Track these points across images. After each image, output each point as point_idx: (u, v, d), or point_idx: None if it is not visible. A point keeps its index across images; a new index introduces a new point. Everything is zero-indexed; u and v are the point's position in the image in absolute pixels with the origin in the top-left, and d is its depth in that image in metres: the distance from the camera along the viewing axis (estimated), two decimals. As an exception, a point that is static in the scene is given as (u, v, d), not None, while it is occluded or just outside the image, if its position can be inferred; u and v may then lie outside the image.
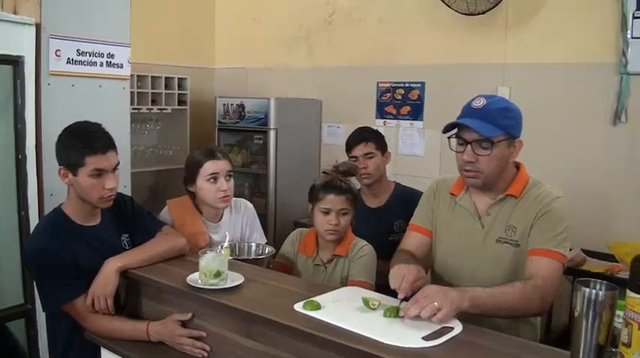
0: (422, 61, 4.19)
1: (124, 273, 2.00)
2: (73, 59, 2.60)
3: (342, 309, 1.65)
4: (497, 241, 1.95)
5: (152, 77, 4.38)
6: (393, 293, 1.71)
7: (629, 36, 3.54)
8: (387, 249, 2.30)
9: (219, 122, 4.55)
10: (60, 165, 2.01)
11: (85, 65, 2.65)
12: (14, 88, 2.42)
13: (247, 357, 1.73)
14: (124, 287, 2.10)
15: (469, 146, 1.90)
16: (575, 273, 3.28)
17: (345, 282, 2.20)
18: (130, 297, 2.11)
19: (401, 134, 4.28)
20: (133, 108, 4.24)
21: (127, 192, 2.82)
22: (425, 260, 2.13)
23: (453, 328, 1.53)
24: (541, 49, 3.78)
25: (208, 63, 5.27)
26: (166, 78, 4.48)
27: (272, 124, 4.24)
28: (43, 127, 2.49)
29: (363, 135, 2.97)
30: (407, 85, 4.25)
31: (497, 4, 3.63)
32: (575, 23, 3.66)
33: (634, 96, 3.55)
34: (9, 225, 2.49)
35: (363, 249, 2.25)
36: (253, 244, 2.36)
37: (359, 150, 2.91)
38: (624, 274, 3.07)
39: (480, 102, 1.92)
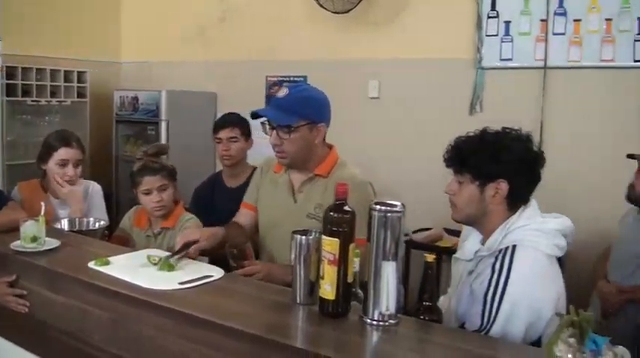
0: (304, 56, 4.48)
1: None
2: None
3: (128, 265, 1.92)
4: (308, 216, 2.19)
5: (51, 70, 4.59)
6: None
7: (483, 34, 3.90)
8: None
9: (116, 114, 4.80)
10: None
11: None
12: None
13: (55, 309, 1.99)
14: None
15: (274, 131, 2.16)
16: (428, 249, 3.64)
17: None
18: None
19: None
20: (32, 100, 4.47)
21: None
22: (253, 230, 2.41)
23: (212, 275, 1.82)
24: (407, 45, 4.11)
25: (114, 57, 5.49)
26: (65, 71, 4.68)
27: (163, 116, 4.50)
28: None
29: (230, 120, 3.22)
30: (291, 79, 4.53)
31: (357, 4, 3.95)
32: (437, 22, 4.01)
33: (488, 88, 3.92)
34: None
35: (188, 221, 2.54)
36: (91, 219, 2.62)
37: (224, 134, 3.15)
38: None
39: (283, 93, 2.17)
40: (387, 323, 1.48)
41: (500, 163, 1.76)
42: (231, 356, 1.51)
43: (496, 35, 3.88)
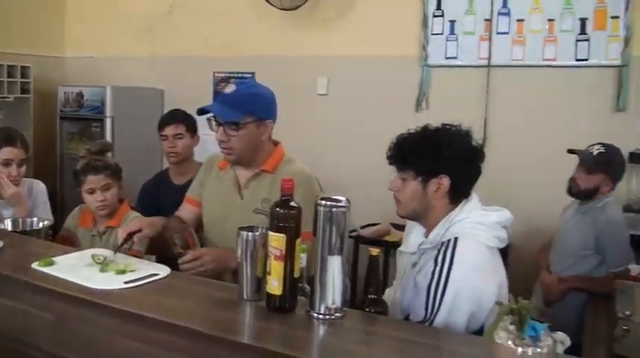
0: (252, 52, 4.48)
1: None
2: None
3: (72, 265, 1.88)
4: (254, 211, 2.18)
5: (-7, 65, 4.47)
6: None
7: (429, 33, 3.98)
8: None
9: (60, 111, 4.69)
10: None
11: None
12: None
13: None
14: None
15: (221, 127, 2.15)
16: (376, 243, 3.69)
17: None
18: None
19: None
20: (-26, 97, 4.33)
21: None
22: (196, 226, 2.36)
23: (158, 274, 1.81)
24: (355, 43, 4.16)
25: (59, 51, 5.36)
26: (9, 66, 4.55)
27: (108, 112, 4.41)
28: None
29: (175, 117, 3.17)
30: (239, 75, 4.52)
31: (305, 1, 3.97)
32: (384, 20, 4.07)
33: (433, 86, 3.99)
34: None
35: (133, 220, 2.50)
36: (35, 219, 2.56)
37: (169, 131, 3.10)
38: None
39: (230, 89, 2.16)
40: (333, 317, 1.50)
41: (441, 159, 1.80)
42: (179, 354, 1.51)
43: (441, 34, 3.97)
